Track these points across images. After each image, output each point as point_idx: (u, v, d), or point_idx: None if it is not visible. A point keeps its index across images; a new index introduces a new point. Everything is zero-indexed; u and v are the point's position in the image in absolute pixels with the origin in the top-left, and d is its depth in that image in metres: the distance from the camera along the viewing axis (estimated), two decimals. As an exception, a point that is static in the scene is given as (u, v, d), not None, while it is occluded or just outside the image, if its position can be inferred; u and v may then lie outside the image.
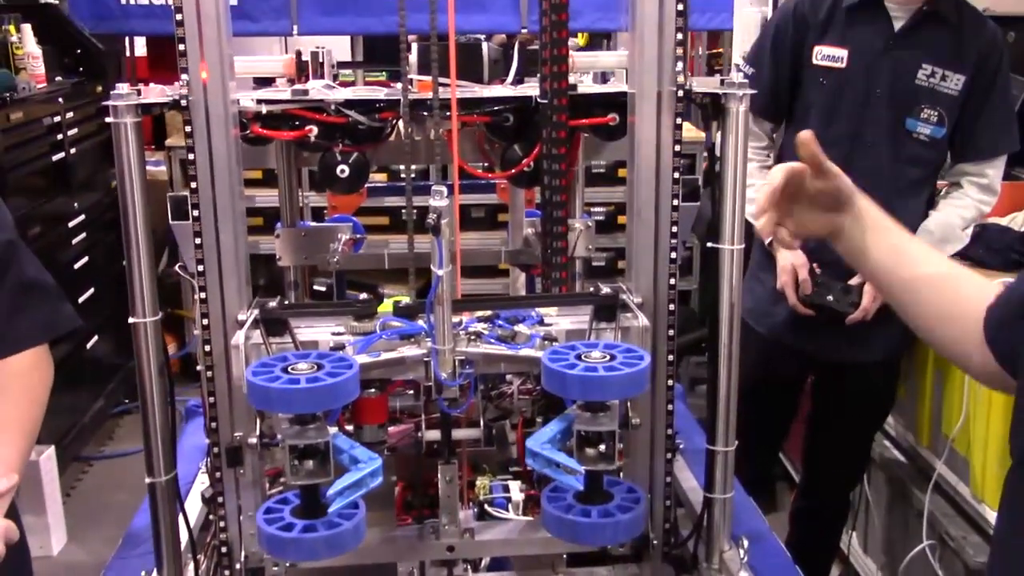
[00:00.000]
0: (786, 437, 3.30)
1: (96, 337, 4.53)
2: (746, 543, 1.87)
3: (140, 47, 5.71)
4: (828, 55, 2.73)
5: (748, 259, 3.05)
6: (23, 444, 1.62)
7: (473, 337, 1.68)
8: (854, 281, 2.74)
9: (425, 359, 1.66)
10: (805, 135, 1.38)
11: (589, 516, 1.49)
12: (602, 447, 1.44)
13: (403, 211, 1.99)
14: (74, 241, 4.40)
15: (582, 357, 1.44)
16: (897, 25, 2.68)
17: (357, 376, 1.45)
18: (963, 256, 2.90)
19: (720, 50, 6.39)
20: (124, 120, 1.64)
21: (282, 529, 1.43)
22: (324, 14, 4.94)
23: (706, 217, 4.38)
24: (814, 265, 2.78)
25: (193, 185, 1.69)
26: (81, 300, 4.40)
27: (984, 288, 1.37)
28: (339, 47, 5.48)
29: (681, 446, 2.31)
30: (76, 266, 4.40)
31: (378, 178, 4.54)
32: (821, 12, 2.74)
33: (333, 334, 1.70)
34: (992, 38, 2.70)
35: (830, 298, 2.75)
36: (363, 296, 1.72)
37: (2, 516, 1.52)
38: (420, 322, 1.69)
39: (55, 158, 4.27)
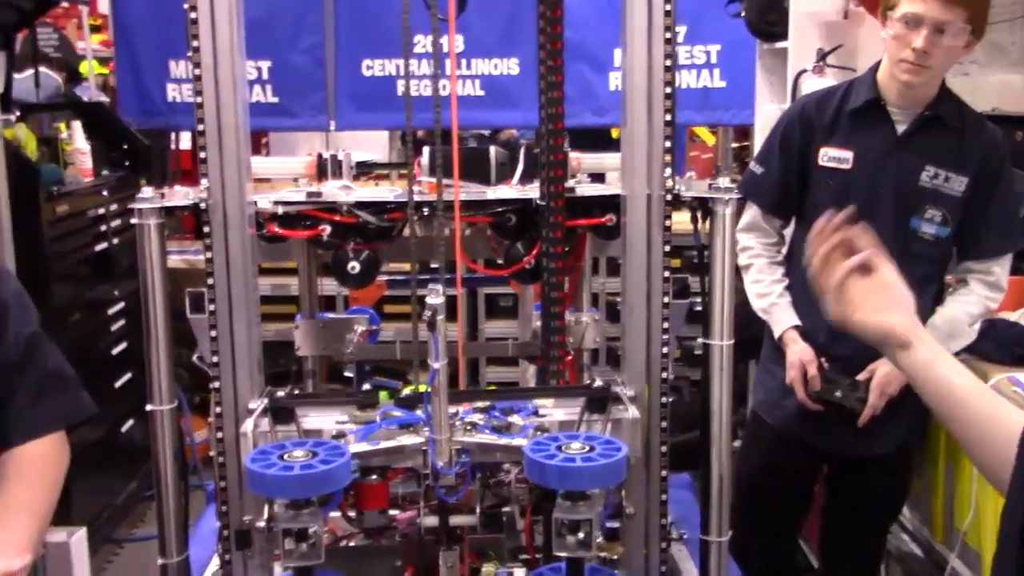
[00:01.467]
0: (800, 527, 3.31)
1: (131, 421, 4.64)
2: (740, 634, 1.91)
3: (185, 141, 5.95)
4: (834, 156, 2.81)
5: (759, 351, 3.11)
6: (37, 526, 1.70)
7: (469, 427, 1.76)
8: (861, 376, 2.79)
9: (423, 448, 1.74)
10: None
11: None
12: (580, 535, 1.50)
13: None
14: (113, 328, 4.55)
15: (562, 448, 1.51)
16: (900, 129, 2.77)
17: (348, 463, 1.53)
18: (971, 351, 2.93)
19: (748, 143, 6.52)
20: (148, 221, 1.78)
21: None
22: (360, 110, 5.14)
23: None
24: (823, 360, 2.83)
25: (210, 281, 1.81)
26: (118, 384, 4.54)
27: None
28: (377, 143, 5.69)
29: (685, 536, 2.36)
30: (114, 352, 4.54)
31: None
32: (827, 115, 2.83)
33: (336, 423, 1.79)
34: (993, 139, 2.78)
35: (838, 394, 2.79)
36: (365, 389, 1.81)
37: None
38: (419, 412, 1.77)
39: (98, 248, 4.45)
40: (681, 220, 1.99)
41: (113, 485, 4.63)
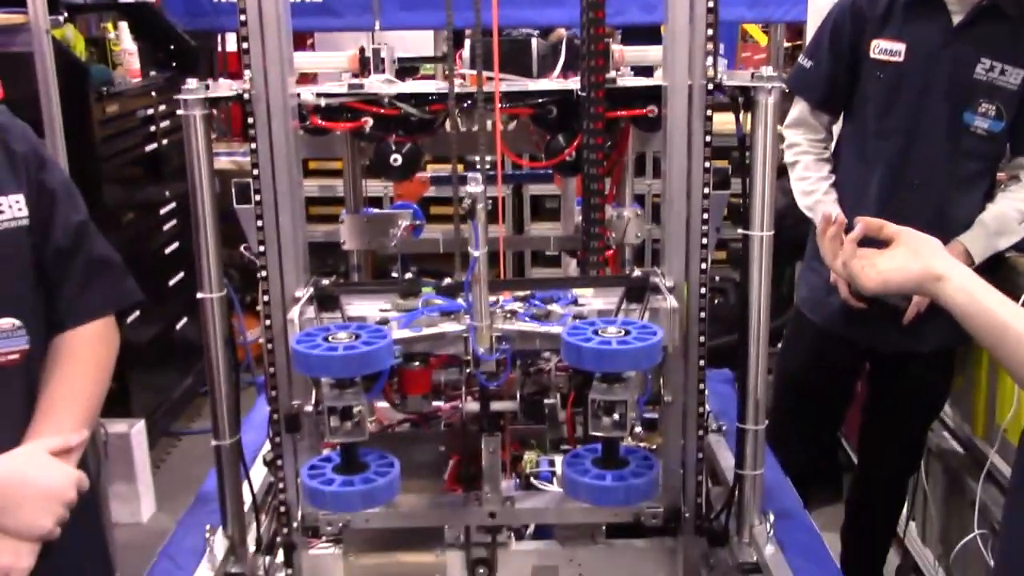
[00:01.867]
0: (841, 424, 3.35)
1: (185, 319, 4.77)
2: (772, 517, 1.95)
3: (231, 43, 5.96)
4: (886, 49, 2.76)
5: (804, 248, 3.10)
6: (90, 404, 1.77)
7: (509, 315, 1.80)
8: None
9: (464, 335, 1.78)
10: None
11: (604, 480, 1.58)
12: (616, 416, 1.53)
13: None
14: (165, 228, 4.65)
15: (599, 332, 1.54)
16: (956, 20, 2.70)
17: (391, 345, 1.57)
18: (1020, 248, 2.90)
19: (801, 43, 6.38)
20: (193, 112, 1.81)
21: (322, 483, 1.56)
22: (404, 9, 5.10)
23: (777, 209, 4.40)
24: None
25: (255, 172, 1.84)
26: (171, 283, 4.65)
27: None
28: (424, 43, 5.65)
29: (724, 428, 2.40)
30: (167, 251, 4.64)
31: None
32: (879, 6, 2.77)
33: (380, 310, 1.83)
34: None
35: None
36: (408, 277, 1.85)
37: (74, 467, 1.68)
38: (460, 301, 1.81)
39: (148, 149, 4.52)
40: (726, 120, 1.98)
41: (169, 381, 4.79)
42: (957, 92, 2.71)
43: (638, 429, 2.34)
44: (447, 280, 1.85)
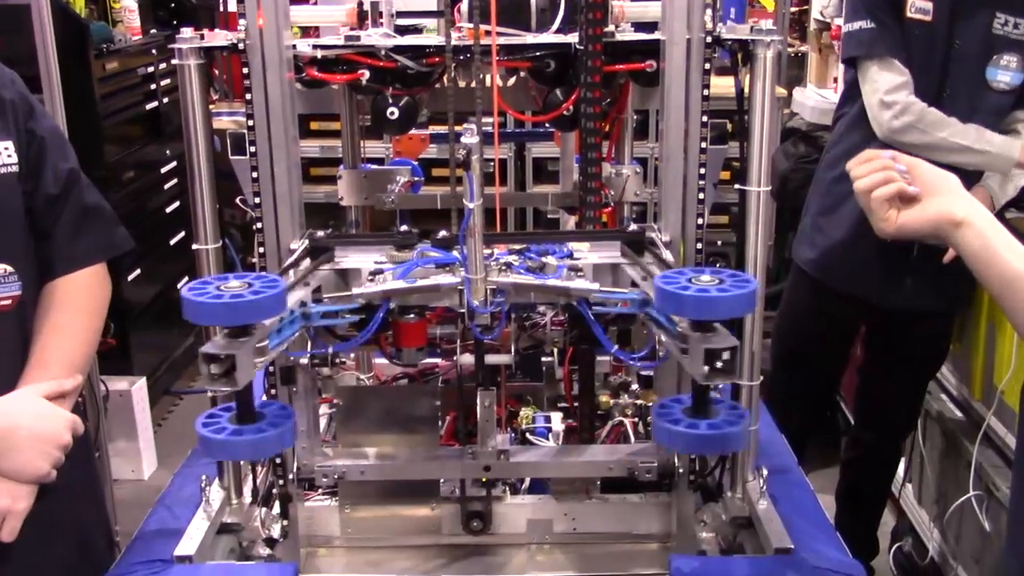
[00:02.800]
0: (838, 386, 3.36)
1: (186, 278, 4.78)
2: (765, 472, 1.96)
3: (232, 3, 5.91)
4: (919, 8, 2.74)
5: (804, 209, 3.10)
6: (83, 350, 1.79)
7: (504, 268, 1.79)
8: None
9: (459, 287, 1.78)
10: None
11: (698, 428, 1.56)
12: (718, 363, 1.49)
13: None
14: (166, 186, 4.65)
15: (692, 281, 1.51)
16: None
17: (280, 296, 1.50)
18: (1021, 208, 2.91)
19: (807, 7, 6.33)
20: (188, 62, 1.80)
21: (213, 432, 1.54)
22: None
23: (780, 172, 4.35)
24: None
25: (250, 123, 1.84)
26: (172, 242, 4.66)
27: None
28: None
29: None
30: (168, 210, 4.65)
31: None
32: None
33: (375, 263, 1.83)
34: None
35: None
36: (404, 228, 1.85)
37: (69, 411, 1.69)
38: (456, 254, 1.81)
39: (148, 107, 4.51)
40: (727, 83, 1.97)
41: (170, 341, 4.81)
42: (978, 48, 2.71)
43: (635, 387, 2.35)
44: (442, 233, 1.85)
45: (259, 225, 1.88)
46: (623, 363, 2.30)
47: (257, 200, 1.87)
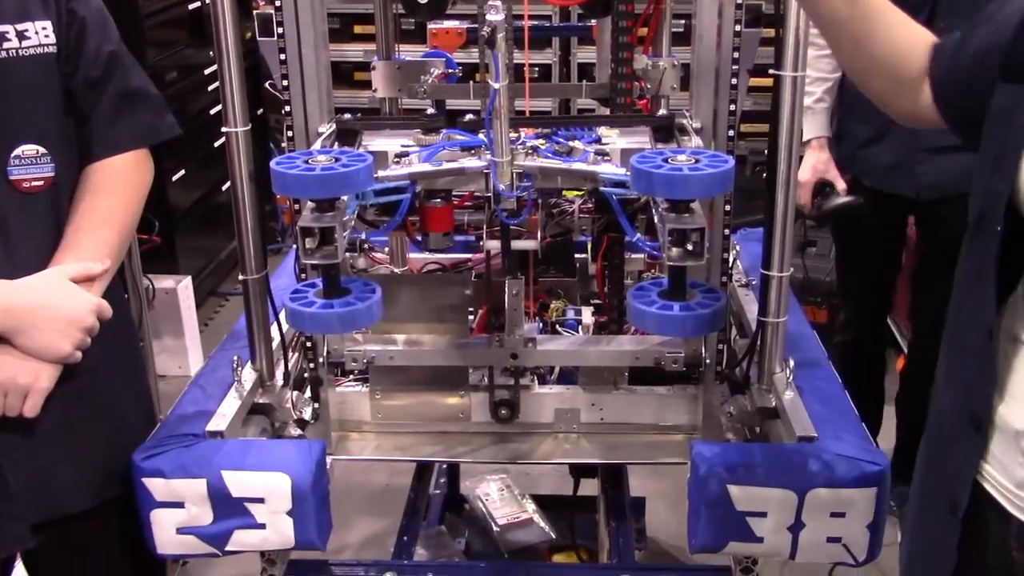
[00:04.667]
0: (893, 292, 3.36)
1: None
2: (792, 363, 1.94)
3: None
4: None
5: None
6: (117, 235, 1.78)
7: (530, 151, 1.78)
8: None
9: (485, 171, 1.77)
10: None
11: (671, 309, 1.57)
12: (689, 245, 1.49)
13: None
14: (209, 88, 4.65)
15: (668, 160, 1.50)
16: None
17: (369, 168, 1.54)
18: None
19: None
20: (214, -56, 1.78)
21: (303, 305, 1.58)
22: None
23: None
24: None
25: (277, 3, 1.82)
26: (216, 145, 4.68)
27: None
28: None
29: (753, 282, 2.38)
30: (212, 112, 4.66)
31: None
32: None
33: (402, 146, 1.83)
34: None
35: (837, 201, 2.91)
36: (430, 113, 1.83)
37: (98, 295, 1.71)
38: (482, 137, 1.79)
39: (191, 7, 4.49)
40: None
41: (215, 243, 4.88)
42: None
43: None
44: (468, 116, 1.84)
45: (287, 108, 1.88)
46: (657, 260, 2.29)
47: (285, 83, 1.87)
